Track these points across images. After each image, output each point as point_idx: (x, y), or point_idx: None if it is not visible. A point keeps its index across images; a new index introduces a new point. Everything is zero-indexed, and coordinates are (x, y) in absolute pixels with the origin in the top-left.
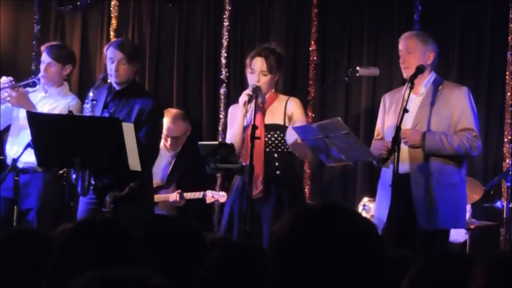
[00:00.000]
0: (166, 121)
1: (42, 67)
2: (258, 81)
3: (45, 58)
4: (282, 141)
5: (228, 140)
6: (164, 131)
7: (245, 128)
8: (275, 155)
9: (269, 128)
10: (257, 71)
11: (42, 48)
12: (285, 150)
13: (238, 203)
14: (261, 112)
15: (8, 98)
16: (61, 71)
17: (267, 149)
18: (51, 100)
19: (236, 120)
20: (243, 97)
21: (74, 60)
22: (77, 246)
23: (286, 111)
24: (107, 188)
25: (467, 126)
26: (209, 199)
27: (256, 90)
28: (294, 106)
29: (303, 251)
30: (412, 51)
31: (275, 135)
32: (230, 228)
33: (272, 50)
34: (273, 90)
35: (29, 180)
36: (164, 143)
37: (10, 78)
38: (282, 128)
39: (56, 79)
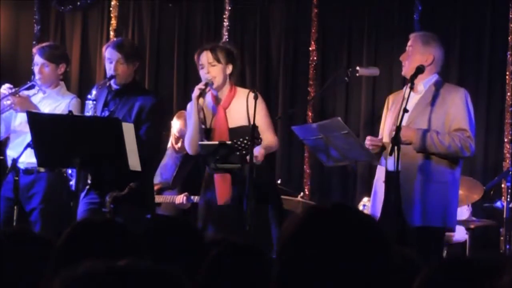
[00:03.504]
0: (179, 124)
1: (36, 69)
2: (208, 72)
3: (38, 59)
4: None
5: (187, 140)
6: (176, 133)
7: (208, 131)
8: (247, 157)
9: (236, 132)
10: (205, 64)
11: (34, 50)
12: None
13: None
14: (223, 113)
15: (12, 105)
16: (55, 71)
17: (238, 153)
18: (50, 100)
19: (191, 119)
20: (195, 92)
21: (67, 59)
22: (76, 246)
23: (249, 108)
24: (107, 188)
25: (461, 126)
26: None
27: (209, 83)
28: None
29: (312, 251)
30: (412, 49)
31: (245, 140)
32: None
33: (218, 45)
34: (231, 84)
35: (33, 181)
36: (174, 144)
37: (9, 85)
38: (248, 129)
39: (52, 79)
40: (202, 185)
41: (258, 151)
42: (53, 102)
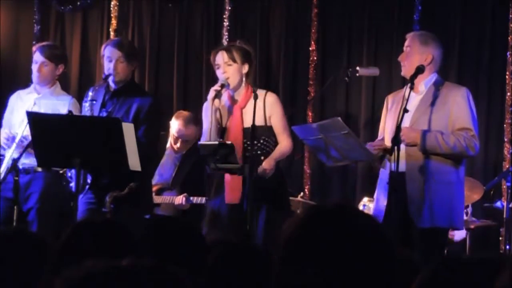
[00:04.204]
0: (178, 124)
1: (35, 67)
2: (225, 72)
3: (38, 58)
4: (267, 143)
5: (203, 141)
6: (175, 134)
7: (224, 130)
8: (262, 157)
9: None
10: (221, 64)
11: (34, 48)
12: (270, 151)
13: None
14: (239, 113)
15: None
16: (54, 71)
17: (254, 153)
18: (45, 101)
19: (207, 119)
20: (211, 93)
21: (66, 60)
22: (76, 246)
23: (266, 110)
24: (107, 188)
25: (465, 125)
26: None
27: (225, 84)
28: (273, 105)
29: (312, 251)
30: (411, 50)
31: (261, 140)
32: (212, 228)
33: (233, 45)
34: (248, 85)
35: (30, 180)
36: (172, 144)
37: (5, 136)
38: (264, 130)
39: (49, 79)
40: (214, 187)
41: (267, 164)
42: (48, 103)
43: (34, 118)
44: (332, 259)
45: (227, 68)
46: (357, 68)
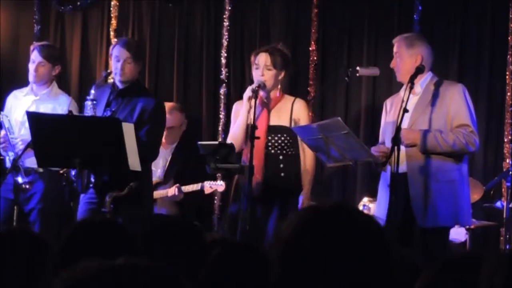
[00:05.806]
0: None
1: (32, 66)
2: (263, 75)
3: (35, 57)
4: (288, 143)
5: (230, 137)
6: None
7: (254, 127)
8: (280, 157)
9: (275, 129)
10: (261, 65)
11: (31, 47)
12: (289, 152)
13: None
14: (267, 112)
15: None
16: (50, 71)
17: (272, 151)
18: (43, 104)
19: (239, 117)
20: (248, 92)
21: (63, 61)
22: (76, 246)
23: (293, 113)
24: (107, 188)
25: (463, 122)
26: (207, 190)
27: (261, 85)
28: (300, 109)
29: (311, 251)
30: (399, 55)
31: (282, 138)
32: (233, 229)
33: (277, 49)
34: (279, 89)
35: (31, 181)
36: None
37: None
38: (288, 130)
39: (46, 79)
40: (232, 192)
41: (303, 199)
42: (46, 104)
43: (34, 118)
44: (331, 259)
45: (266, 72)
46: (357, 68)
